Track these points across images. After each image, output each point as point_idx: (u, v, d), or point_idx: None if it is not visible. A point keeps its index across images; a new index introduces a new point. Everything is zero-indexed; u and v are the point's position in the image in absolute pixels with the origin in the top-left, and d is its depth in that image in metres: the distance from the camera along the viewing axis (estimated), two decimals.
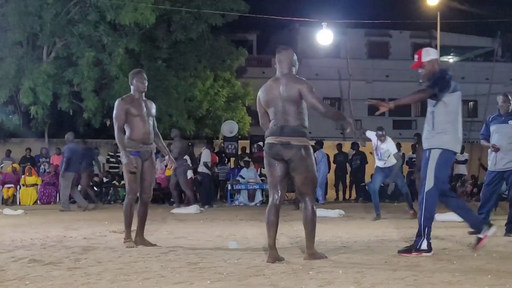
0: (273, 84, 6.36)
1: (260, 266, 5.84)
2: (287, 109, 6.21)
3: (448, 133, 6.59)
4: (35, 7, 20.64)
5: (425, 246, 6.53)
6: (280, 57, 6.50)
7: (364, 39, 39.23)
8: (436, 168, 6.54)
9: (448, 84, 6.56)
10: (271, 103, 6.30)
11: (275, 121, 6.26)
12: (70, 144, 16.36)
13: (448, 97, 6.60)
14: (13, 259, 6.50)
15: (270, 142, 6.22)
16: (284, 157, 6.16)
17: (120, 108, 7.65)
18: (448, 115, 6.60)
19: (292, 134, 6.16)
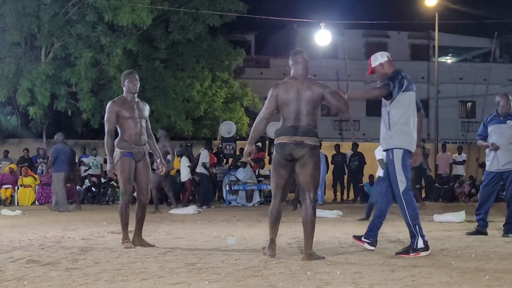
0: (293, 83, 6.43)
1: (258, 267, 5.84)
2: (304, 109, 6.34)
3: (405, 133, 6.71)
4: (33, 8, 20.61)
5: (421, 245, 6.55)
6: (297, 59, 6.56)
7: (362, 39, 39.24)
8: (403, 168, 6.67)
9: (401, 83, 6.69)
10: (289, 102, 6.36)
11: (289, 120, 6.37)
12: (58, 145, 16.35)
13: (401, 96, 6.73)
14: (11, 260, 6.50)
15: (284, 142, 6.32)
16: (295, 156, 6.29)
17: (111, 110, 7.65)
18: (403, 115, 6.72)
19: (306, 134, 6.31)
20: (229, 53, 25.64)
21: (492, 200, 9.18)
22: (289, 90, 6.38)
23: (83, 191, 20.46)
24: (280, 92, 6.41)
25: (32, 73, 20.76)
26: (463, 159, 22.42)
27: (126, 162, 7.59)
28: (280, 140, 6.37)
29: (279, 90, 6.43)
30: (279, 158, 6.41)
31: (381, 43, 39.77)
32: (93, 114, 22.22)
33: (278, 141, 6.39)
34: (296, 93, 6.36)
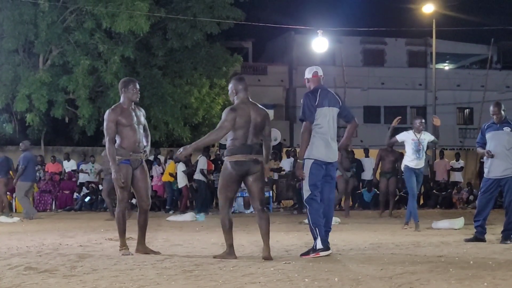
0: (245, 107, 7.11)
1: (255, 274, 5.84)
2: (254, 131, 7.07)
3: (316, 144, 7.26)
4: (30, 15, 20.62)
5: (320, 246, 7.08)
6: (243, 85, 7.27)
7: (359, 46, 39.30)
8: (309, 177, 7.23)
9: (309, 108, 7.26)
10: (244, 125, 7.03)
11: (242, 140, 7.03)
12: (27, 153, 16.14)
13: (317, 112, 7.28)
14: (9, 267, 6.50)
15: (242, 160, 6.98)
16: (252, 171, 7.03)
17: (111, 119, 7.61)
18: (317, 128, 7.28)
19: (258, 152, 7.10)
20: (227, 60, 25.65)
21: (490, 207, 9.19)
22: (244, 113, 7.04)
23: (81, 198, 20.46)
24: (238, 115, 7.00)
25: (30, 80, 20.77)
26: (460, 166, 22.43)
27: (123, 169, 7.58)
28: (237, 158, 6.98)
29: (237, 113, 7.02)
30: (234, 174, 7.03)
31: (378, 50, 39.88)
32: (89, 121, 22.22)
33: (235, 159, 6.99)
34: (249, 117, 7.04)
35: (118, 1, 20.39)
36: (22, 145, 16.43)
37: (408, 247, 8.18)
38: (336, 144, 7.46)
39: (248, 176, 7.05)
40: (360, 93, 37.93)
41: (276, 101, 37.97)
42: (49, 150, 24.64)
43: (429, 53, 36.54)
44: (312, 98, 7.31)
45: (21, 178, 15.95)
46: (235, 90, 7.24)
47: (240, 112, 7.04)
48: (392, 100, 38.40)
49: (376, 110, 39.10)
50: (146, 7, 20.38)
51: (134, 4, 20.19)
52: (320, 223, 7.17)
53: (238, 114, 7.01)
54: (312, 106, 7.27)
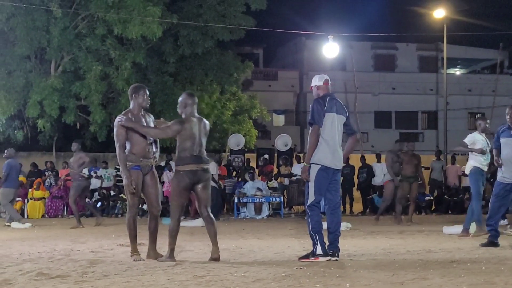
0: (194, 121, 7.57)
1: (267, 280, 5.83)
2: (202, 142, 7.57)
3: (325, 150, 7.33)
4: (42, 22, 20.74)
5: (320, 251, 7.18)
6: (193, 100, 7.71)
7: (370, 52, 39.29)
8: (315, 183, 7.32)
9: (318, 112, 7.36)
10: (193, 136, 7.47)
11: (191, 151, 7.44)
12: (11, 160, 16.05)
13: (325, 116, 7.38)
14: (21, 273, 6.52)
15: (194, 169, 7.41)
16: (202, 179, 7.47)
17: (121, 125, 7.64)
18: (324, 133, 7.36)
19: (207, 162, 7.57)
20: (238, 66, 25.68)
21: (503, 211, 9.15)
22: (193, 126, 7.51)
23: (92, 203, 20.49)
24: (187, 128, 7.46)
25: (41, 86, 20.86)
26: None
27: (133, 175, 7.59)
28: (190, 167, 7.40)
29: (186, 126, 7.47)
30: (188, 182, 7.41)
31: (389, 55, 39.84)
32: (101, 127, 22.28)
33: (188, 168, 7.40)
34: (197, 130, 7.52)
35: (130, 7, 20.43)
36: (6, 152, 16.34)
37: (419, 252, 8.15)
38: (341, 151, 7.52)
39: (198, 184, 7.47)
40: (371, 98, 37.90)
41: (286, 107, 38.00)
42: (61, 156, 24.73)
43: (440, 58, 36.50)
44: (321, 103, 7.41)
45: (4, 185, 15.92)
46: (185, 103, 7.64)
47: (188, 125, 7.46)
48: (403, 105, 38.35)
49: (387, 115, 39.05)
50: (158, 11, 20.42)
51: (146, 9, 20.25)
52: (320, 230, 7.24)
53: (185, 127, 7.44)
54: (321, 110, 7.35)
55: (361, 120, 36.15)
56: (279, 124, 38.59)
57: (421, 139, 38.63)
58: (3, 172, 15.97)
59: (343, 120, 7.54)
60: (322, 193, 7.34)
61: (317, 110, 7.37)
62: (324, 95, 7.56)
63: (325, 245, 7.22)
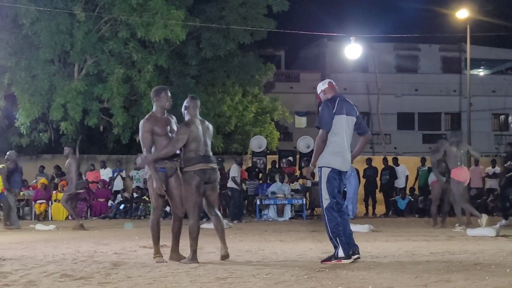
0: (198, 122, 7.79)
1: (289, 281, 5.83)
2: (207, 142, 7.77)
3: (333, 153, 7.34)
4: (66, 25, 20.88)
5: (342, 254, 7.16)
6: (195, 103, 7.91)
7: (393, 53, 39.09)
8: (327, 186, 7.31)
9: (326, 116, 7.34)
10: (198, 137, 7.66)
11: (199, 151, 7.63)
12: (12, 164, 16.31)
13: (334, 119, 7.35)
14: (45, 274, 6.58)
15: (204, 168, 7.58)
16: (212, 179, 7.68)
17: (146, 129, 7.67)
18: (334, 136, 7.34)
19: (215, 161, 7.78)
20: (260, 68, 25.67)
21: None
22: (197, 128, 7.70)
23: (115, 205, 20.62)
24: (192, 130, 7.64)
25: (65, 89, 21.01)
26: (496, 173, 22.11)
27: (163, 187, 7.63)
28: (199, 167, 7.56)
29: (192, 127, 7.66)
30: (200, 181, 7.56)
31: (412, 56, 39.63)
32: (124, 130, 22.40)
33: (197, 168, 7.56)
34: (202, 131, 7.73)
35: (153, 10, 20.51)
36: (7, 156, 16.63)
37: (443, 254, 8.10)
38: (349, 153, 7.53)
39: (207, 184, 7.66)
40: (394, 100, 37.73)
41: (308, 108, 37.92)
42: (84, 159, 24.90)
43: (464, 59, 36.23)
44: (330, 106, 7.39)
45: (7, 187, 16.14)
46: (188, 107, 7.87)
47: (193, 127, 7.66)
48: (426, 107, 38.12)
49: (410, 116, 38.85)
50: (182, 14, 20.48)
51: (169, 13, 20.32)
52: (340, 232, 7.23)
53: (191, 129, 7.63)
54: (330, 114, 7.34)
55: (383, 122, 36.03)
56: (301, 126, 38.52)
57: None
58: None
59: (353, 121, 7.53)
60: (335, 195, 7.32)
61: (325, 113, 7.37)
62: (332, 97, 7.54)
63: (347, 248, 7.19)
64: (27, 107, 21.29)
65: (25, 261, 7.82)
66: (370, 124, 36.96)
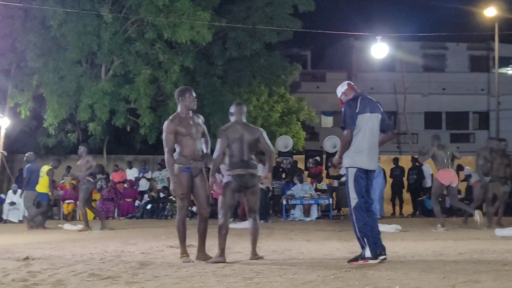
0: (237, 127, 7.88)
1: (315, 282, 5.81)
2: (249, 147, 7.82)
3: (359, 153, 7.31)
4: (93, 27, 21.03)
5: (369, 254, 7.12)
6: (240, 109, 8.03)
7: (419, 52, 38.79)
8: (355, 186, 7.28)
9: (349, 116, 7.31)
10: (238, 142, 7.77)
11: (239, 156, 7.76)
12: (32, 164, 16.68)
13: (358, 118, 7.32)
14: (73, 273, 6.63)
15: (241, 174, 7.71)
16: (249, 184, 7.79)
17: (170, 130, 7.70)
18: (358, 135, 7.31)
19: (254, 167, 7.85)
20: (285, 68, 25.65)
21: None
22: (235, 133, 7.79)
23: (142, 205, 20.73)
24: (230, 136, 7.77)
25: (92, 90, 21.17)
26: None
27: (183, 177, 7.66)
28: (237, 172, 7.71)
29: (229, 133, 7.79)
30: (236, 185, 7.73)
31: (439, 55, 39.32)
32: (150, 130, 22.50)
33: (235, 173, 7.71)
34: (242, 136, 7.79)
35: (180, 11, 20.57)
36: (26, 157, 17.05)
37: (471, 255, 8.02)
38: (376, 152, 7.50)
39: (246, 188, 7.80)
40: (421, 99, 37.48)
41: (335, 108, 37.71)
42: (111, 159, 25.10)
43: (491, 57, 35.86)
44: (353, 105, 7.34)
45: (27, 188, 16.60)
46: (232, 112, 8.05)
47: (231, 131, 7.80)
48: (453, 106, 37.81)
49: (437, 116, 38.56)
50: (208, 16, 20.52)
51: (196, 14, 20.36)
52: (367, 232, 7.18)
53: (228, 135, 7.77)
54: (353, 114, 7.29)
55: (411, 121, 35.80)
56: (328, 125, 38.44)
57: (472, 140, 38.05)
58: (24, 176, 16.49)
59: (378, 118, 7.47)
60: (363, 195, 7.28)
61: (348, 113, 7.33)
62: (354, 96, 7.50)
63: (374, 248, 7.16)
64: (55, 108, 21.49)
65: (53, 261, 7.89)
66: (397, 124, 36.74)
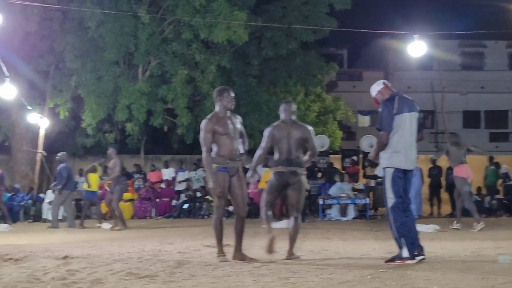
0: (284, 125, 8.13)
1: (352, 282, 5.79)
2: (294, 145, 8.00)
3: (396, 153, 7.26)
4: (130, 28, 21.23)
5: (406, 254, 7.07)
6: (287, 107, 8.25)
7: (457, 50, 38.31)
8: (392, 186, 7.24)
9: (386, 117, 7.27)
10: (281, 140, 8.00)
11: (282, 154, 7.99)
12: (66, 164, 16.99)
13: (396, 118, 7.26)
14: (111, 272, 6.69)
15: (281, 171, 7.93)
16: (290, 182, 7.92)
17: (207, 129, 7.72)
18: (395, 135, 7.26)
19: (297, 165, 7.95)
20: (322, 67, 25.58)
21: None
22: (281, 131, 8.05)
23: (179, 205, 20.84)
24: (274, 134, 8.06)
25: (130, 90, 21.36)
26: None
27: (220, 177, 7.68)
28: (278, 169, 7.98)
29: (274, 132, 8.09)
30: (276, 183, 8.01)
31: (477, 53, 38.80)
32: (188, 130, 22.62)
33: (276, 170, 7.99)
34: (287, 134, 8.01)
35: (216, 11, 20.64)
36: (58, 157, 17.39)
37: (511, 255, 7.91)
38: (415, 151, 7.42)
39: (287, 186, 7.96)
40: (459, 98, 37.02)
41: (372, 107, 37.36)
42: (149, 159, 25.29)
43: None
44: (390, 106, 7.30)
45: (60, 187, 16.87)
46: (280, 111, 8.30)
47: (277, 130, 8.08)
48: (492, 105, 37.29)
49: (475, 115, 38.06)
50: (245, 16, 20.54)
51: (232, 14, 20.40)
52: (405, 232, 7.13)
53: (273, 133, 8.08)
54: (390, 115, 7.24)
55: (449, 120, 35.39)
56: (364, 125, 38.19)
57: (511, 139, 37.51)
58: (63, 175, 16.72)
59: (416, 116, 7.42)
60: (400, 195, 7.23)
61: (385, 115, 7.29)
62: (391, 96, 7.44)
63: (412, 248, 7.11)
64: (93, 109, 21.74)
65: (92, 259, 7.98)
66: (434, 123, 36.38)
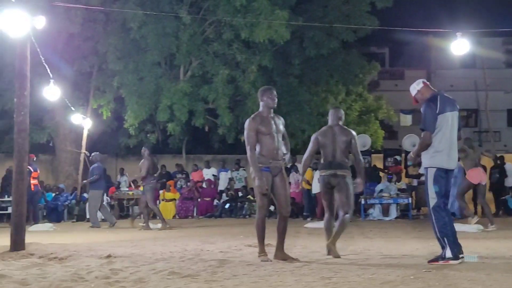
0: (329, 130, 8.44)
1: (395, 282, 5.75)
2: (339, 148, 8.27)
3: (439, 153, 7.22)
4: (172, 28, 21.37)
5: (449, 255, 7.00)
6: (335, 113, 8.63)
7: (501, 47, 37.72)
8: (434, 185, 7.19)
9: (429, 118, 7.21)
10: (326, 144, 8.32)
11: (326, 158, 8.30)
12: (99, 164, 17.12)
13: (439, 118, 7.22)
14: (153, 271, 6.76)
15: (323, 175, 8.26)
16: (332, 184, 8.20)
17: (251, 128, 7.77)
18: (438, 134, 7.21)
19: (341, 167, 8.21)
20: (363, 67, 25.42)
21: None
22: (327, 136, 8.37)
23: (221, 204, 20.92)
24: (319, 138, 8.40)
25: (171, 91, 21.51)
26: None
27: (263, 176, 7.70)
28: (321, 173, 8.33)
29: (318, 136, 8.43)
30: (323, 186, 8.32)
31: None
32: (229, 130, 22.70)
33: (320, 174, 8.34)
34: (332, 138, 8.32)
35: (257, 11, 20.63)
36: (92, 157, 17.64)
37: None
38: (456, 150, 7.39)
39: (333, 187, 8.23)
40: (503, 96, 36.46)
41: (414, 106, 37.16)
42: (190, 159, 25.45)
43: None
44: (433, 106, 7.25)
45: (93, 187, 17.10)
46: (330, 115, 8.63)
47: (322, 135, 8.40)
48: None
49: None
50: (286, 15, 20.48)
51: (273, 13, 20.37)
52: (448, 232, 7.08)
53: (318, 138, 8.40)
54: (433, 115, 7.19)
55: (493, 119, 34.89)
56: (407, 124, 37.84)
57: None
58: (94, 175, 16.90)
59: (457, 116, 7.37)
60: (443, 194, 7.18)
61: (428, 115, 7.25)
62: (432, 95, 7.40)
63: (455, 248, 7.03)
64: (135, 109, 21.95)
65: (134, 259, 8.06)
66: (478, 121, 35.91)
